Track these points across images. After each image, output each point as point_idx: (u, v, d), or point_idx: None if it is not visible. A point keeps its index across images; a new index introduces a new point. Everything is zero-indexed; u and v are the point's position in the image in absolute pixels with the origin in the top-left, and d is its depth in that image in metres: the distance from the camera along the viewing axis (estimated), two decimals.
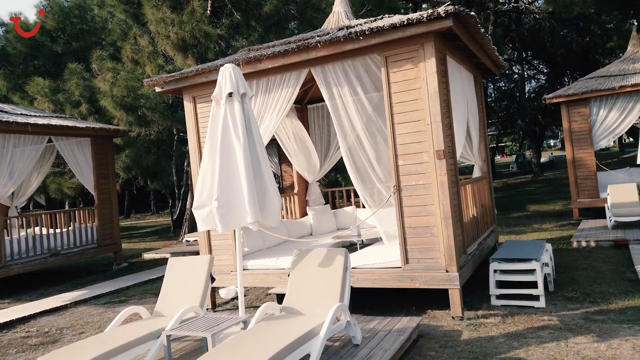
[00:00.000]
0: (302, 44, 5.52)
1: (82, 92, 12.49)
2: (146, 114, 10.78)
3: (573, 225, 11.17)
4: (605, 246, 8.39)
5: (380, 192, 5.85)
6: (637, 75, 11.37)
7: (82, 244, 10.37)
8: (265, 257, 6.49)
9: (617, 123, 11.46)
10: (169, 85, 6.45)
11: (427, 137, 5.22)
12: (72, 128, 9.98)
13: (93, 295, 7.89)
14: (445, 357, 4.23)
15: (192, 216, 16.02)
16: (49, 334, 5.92)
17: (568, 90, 11.87)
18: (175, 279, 4.74)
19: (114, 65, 10.92)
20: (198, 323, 3.98)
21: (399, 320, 4.78)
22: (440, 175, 5.16)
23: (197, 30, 9.73)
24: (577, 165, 11.83)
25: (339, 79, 5.79)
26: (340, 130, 5.92)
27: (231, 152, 4.13)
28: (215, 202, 3.98)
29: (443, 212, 5.15)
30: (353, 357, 3.89)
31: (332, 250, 4.33)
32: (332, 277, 4.16)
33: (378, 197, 5.78)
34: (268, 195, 4.17)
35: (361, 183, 5.94)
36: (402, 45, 5.27)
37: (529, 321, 4.92)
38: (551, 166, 31.95)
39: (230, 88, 4.19)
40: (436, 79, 5.14)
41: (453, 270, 5.13)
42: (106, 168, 11.05)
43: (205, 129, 6.57)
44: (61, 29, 17.97)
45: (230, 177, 4.09)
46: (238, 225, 4.04)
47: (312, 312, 4.07)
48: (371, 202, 5.83)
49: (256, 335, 3.58)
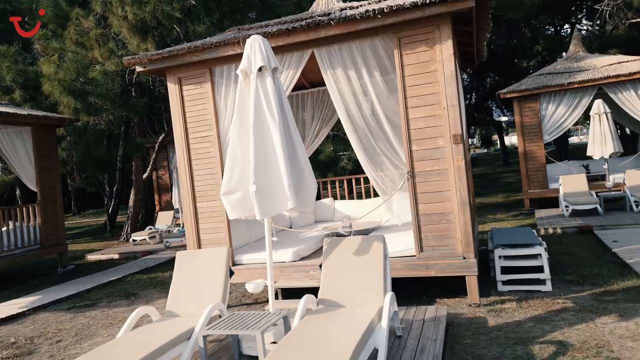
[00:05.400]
0: (311, 21, 5.19)
1: (15, 77, 11.19)
2: (96, 101, 9.82)
3: (525, 215, 11.65)
4: (571, 232, 8.78)
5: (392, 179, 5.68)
6: (583, 72, 12.08)
7: (24, 245, 9.30)
8: (258, 250, 6.09)
9: (564, 117, 12.11)
10: (153, 65, 5.85)
11: (443, 121, 5.09)
12: (12, 115, 8.89)
13: (51, 301, 7.03)
14: (484, 343, 4.12)
15: (134, 214, 15.00)
16: (19, 345, 5.15)
17: (520, 86, 12.37)
18: (187, 275, 4.26)
19: (61, 46, 9.85)
20: (233, 321, 3.56)
21: (425, 310, 4.62)
22: (457, 161, 5.06)
23: (159, 11, 9.00)
24: (528, 157, 12.38)
25: (345, 62, 5.52)
26: (346, 116, 5.65)
27: (266, 132, 3.74)
28: (253, 185, 3.58)
29: (460, 198, 5.06)
30: (404, 349, 3.66)
31: (368, 238, 4.07)
32: (372, 266, 3.90)
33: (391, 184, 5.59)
34: (304, 178, 3.82)
35: (373, 170, 5.72)
36: (418, 27, 5.11)
37: (545, 305, 4.95)
38: (474, 163, 33.61)
39: (261, 61, 3.79)
40: (453, 61, 5.03)
41: (470, 257, 5.04)
42: (49, 161, 9.98)
43: (192, 113, 6.05)
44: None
45: (266, 159, 3.70)
46: (277, 211, 3.67)
47: (355, 304, 3.79)
48: (385, 190, 5.62)
49: (316, 331, 3.24)
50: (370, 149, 5.98)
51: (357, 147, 5.71)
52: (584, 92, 11.80)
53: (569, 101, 11.98)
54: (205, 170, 6.04)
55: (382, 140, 5.87)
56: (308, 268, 5.65)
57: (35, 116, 9.39)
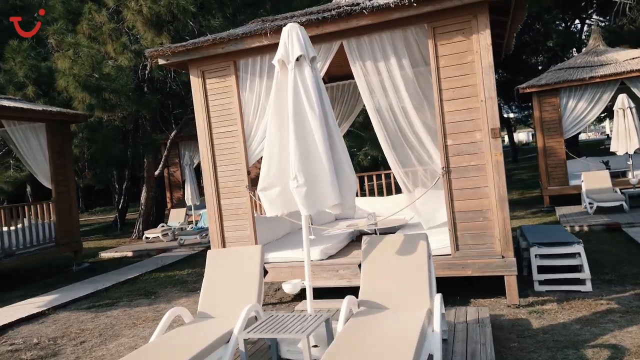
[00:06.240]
0: (342, 10, 4.99)
1: (28, 72, 11.03)
2: (111, 97, 9.65)
3: (545, 213, 11.43)
4: (598, 230, 8.55)
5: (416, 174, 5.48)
6: (604, 67, 11.81)
7: (39, 242, 9.16)
8: (284, 249, 5.91)
9: (585, 113, 11.86)
10: (176, 57, 5.67)
11: (480, 114, 4.89)
12: (27, 111, 8.75)
13: (70, 300, 6.88)
14: (532, 347, 3.92)
15: (146, 211, 14.85)
16: (42, 346, 4.99)
17: (540, 80, 12.13)
18: (220, 275, 4.08)
19: (76, 40, 9.68)
20: (272, 323, 3.38)
21: (465, 311, 4.42)
22: (495, 155, 4.85)
23: (174, 5, 8.81)
24: (547, 154, 12.13)
25: (375, 53, 5.32)
26: (375, 110, 5.45)
27: (305, 124, 3.55)
28: (294, 181, 3.40)
29: (499, 195, 4.85)
30: (453, 354, 3.48)
31: (410, 237, 3.87)
32: (416, 265, 3.71)
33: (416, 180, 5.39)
34: (344, 173, 3.63)
35: (399, 167, 5.52)
36: (454, 16, 4.90)
37: (588, 306, 4.74)
38: None
39: (299, 50, 3.60)
40: (490, 51, 4.81)
41: (509, 255, 4.84)
42: (63, 157, 9.84)
43: (216, 107, 5.86)
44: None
45: (307, 153, 3.51)
46: (319, 208, 3.48)
47: (399, 306, 3.59)
48: (410, 187, 5.43)
49: (367, 334, 3.06)
50: (398, 144, 5.77)
51: (383, 142, 5.50)
52: (606, 87, 11.54)
53: (590, 96, 11.72)
54: (230, 166, 5.86)
55: (411, 134, 5.66)
56: (337, 267, 5.47)
57: (49, 112, 9.24)
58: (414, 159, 5.67)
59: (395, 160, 5.46)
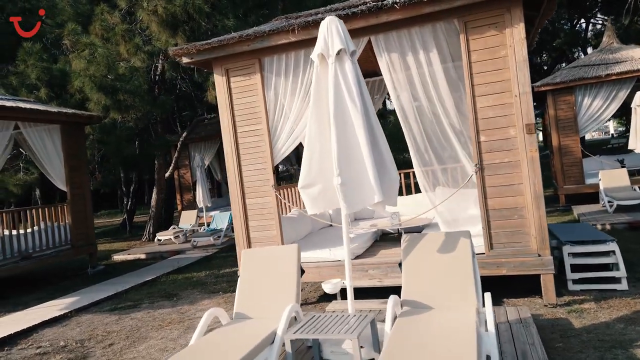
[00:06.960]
0: (373, 5, 4.90)
1: (40, 74, 10.98)
2: (125, 98, 9.59)
3: (562, 212, 11.32)
4: (621, 229, 8.44)
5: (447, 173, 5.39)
6: (620, 64, 11.70)
7: (55, 245, 9.08)
8: (309, 249, 5.81)
9: (601, 110, 11.74)
10: (201, 55, 5.59)
11: (514, 109, 4.79)
12: (43, 112, 8.68)
13: (91, 302, 6.80)
14: (578, 347, 3.82)
15: (156, 214, 14.76)
16: (70, 349, 4.91)
17: (555, 78, 12.02)
18: (256, 275, 3.99)
19: (92, 41, 9.61)
20: (316, 324, 3.29)
21: (505, 311, 4.32)
22: (530, 152, 4.76)
23: (190, 5, 8.74)
24: (563, 152, 12.01)
25: (403, 49, 5.23)
26: (401, 108, 5.36)
27: (347, 120, 3.47)
28: (338, 178, 3.31)
29: (534, 192, 4.75)
30: (503, 354, 3.37)
31: (451, 234, 3.78)
32: (460, 264, 3.62)
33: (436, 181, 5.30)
34: (387, 170, 3.54)
35: (421, 165, 5.43)
36: (486, 9, 4.81)
37: (628, 305, 4.63)
38: None
39: (340, 44, 3.51)
40: (524, 45, 4.72)
41: (546, 254, 4.74)
42: (78, 159, 9.77)
43: (241, 105, 5.78)
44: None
45: (349, 149, 3.42)
46: (363, 205, 3.39)
47: (444, 306, 3.50)
48: (430, 186, 5.33)
49: (422, 334, 2.96)
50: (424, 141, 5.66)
51: (409, 138, 5.40)
52: (622, 84, 11.43)
53: (606, 94, 11.61)
54: (255, 165, 5.78)
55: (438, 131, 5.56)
56: (366, 267, 5.37)
57: (64, 113, 9.18)
58: (443, 157, 5.57)
59: (418, 158, 5.34)
